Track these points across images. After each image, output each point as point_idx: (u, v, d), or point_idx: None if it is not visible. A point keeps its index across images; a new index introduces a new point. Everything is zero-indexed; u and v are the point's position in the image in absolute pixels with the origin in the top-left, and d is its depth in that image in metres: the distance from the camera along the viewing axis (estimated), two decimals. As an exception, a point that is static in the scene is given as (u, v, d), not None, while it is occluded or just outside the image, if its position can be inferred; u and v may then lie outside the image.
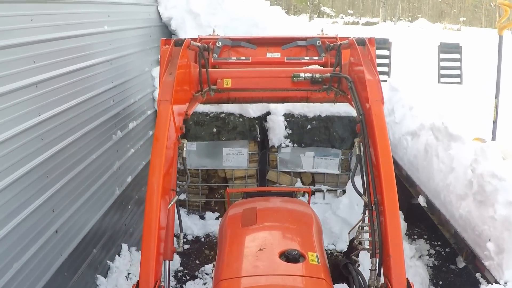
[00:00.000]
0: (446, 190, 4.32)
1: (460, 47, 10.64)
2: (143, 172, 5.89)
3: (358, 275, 3.09)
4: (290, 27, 7.07)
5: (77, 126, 3.99)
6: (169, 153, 3.00)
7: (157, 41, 6.39)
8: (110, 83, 4.73)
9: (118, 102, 4.95)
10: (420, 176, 5.03)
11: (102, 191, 4.60)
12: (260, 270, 2.93)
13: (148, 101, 6.07)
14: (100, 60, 4.47)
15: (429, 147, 4.75)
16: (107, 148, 4.69)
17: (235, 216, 3.78)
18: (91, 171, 4.31)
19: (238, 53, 4.79)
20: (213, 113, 6.24)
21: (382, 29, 33.92)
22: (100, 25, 4.47)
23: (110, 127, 4.76)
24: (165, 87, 3.16)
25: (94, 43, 4.34)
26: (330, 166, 6.48)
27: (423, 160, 4.91)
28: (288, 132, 6.31)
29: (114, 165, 4.92)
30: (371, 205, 2.85)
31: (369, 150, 2.99)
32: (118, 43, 4.89)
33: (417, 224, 6.76)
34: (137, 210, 5.81)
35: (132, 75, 5.35)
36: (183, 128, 3.32)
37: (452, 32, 42.06)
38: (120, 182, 5.10)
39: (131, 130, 5.35)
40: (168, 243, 3.15)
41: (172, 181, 3.21)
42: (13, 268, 3.07)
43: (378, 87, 3.11)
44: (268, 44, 4.86)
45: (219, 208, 6.78)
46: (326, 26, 6.31)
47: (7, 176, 3.01)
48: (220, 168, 6.52)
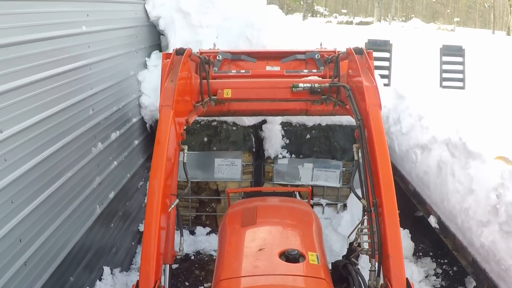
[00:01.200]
0: (464, 214, 3.87)
1: (463, 49, 10.26)
2: (128, 186, 5.41)
3: (357, 275, 3.08)
4: (287, 27, 6.57)
5: (48, 141, 3.49)
6: (170, 158, 3.04)
7: (144, 42, 5.89)
8: (90, 90, 4.24)
9: (99, 110, 4.45)
10: (431, 194, 4.59)
11: (80, 212, 4.11)
12: (260, 270, 2.92)
13: (134, 108, 5.57)
14: (77, 65, 3.97)
15: (443, 164, 4.30)
16: (85, 163, 4.19)
17: (235, 216, 3.76)
18: (66, 191, 3.81)
19: (238, 67, 4.88)
20: (204, 121, 5.76)
21: (377, 29, 33.57)
22: (77, 25, 3.97)
23: (89, 139, 4.26)
24: (166, 93, 3.23)
25: (70, 46, 3.84)
26: (330, 179, 6.03)
27: (435, 178, 4.46)
28: (285, 142, 5.85)
29: (94, 181, 4.43)
30: (370, 208, 2.86)
31: (368, 154, 3.02)
32: (99, 46, 4.38)
33: (421, 239, 6.36)
34: (122, 226, 5.33)
35: (115, 80, 4.85)
36: (184, 134, 3.38)
37: (446, 33, 41.89)
38: (101, 199, 4.61)
39: (113, 141, 4.85)
40: (169, 246, 3.21)
41: (172, 185, 3.24)
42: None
43: (375, 92, 3.14)
44: (267, 58, 4.95)
45: (211, 222, 6.31)
46: (320, 26, 6.02)
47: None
48: (211, 180, 6.04)
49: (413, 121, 5.27)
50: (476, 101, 6.71)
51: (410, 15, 65.05)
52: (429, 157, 4.67)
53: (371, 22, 51.70)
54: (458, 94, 8.27)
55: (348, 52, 3.69)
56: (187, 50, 3.64)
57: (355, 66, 3.44)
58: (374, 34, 18.97)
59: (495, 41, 32.21)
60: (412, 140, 5.11)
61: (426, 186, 4.73)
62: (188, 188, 3.36)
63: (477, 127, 4.45)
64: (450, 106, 5.59)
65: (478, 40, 28.90)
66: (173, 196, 3.25)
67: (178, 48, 3.68)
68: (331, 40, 6.37)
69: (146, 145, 6.02)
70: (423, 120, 5.06)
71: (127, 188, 5.40)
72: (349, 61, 3.74)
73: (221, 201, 6.16)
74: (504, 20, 59.65)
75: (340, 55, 4.09)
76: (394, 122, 5.73)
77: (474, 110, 5.46)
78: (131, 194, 5.59)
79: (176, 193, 3.42)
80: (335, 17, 56.26)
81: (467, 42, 17.10)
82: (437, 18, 63.20)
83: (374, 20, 53.31)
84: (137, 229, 5.90)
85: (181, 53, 3.56)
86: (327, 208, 6.17)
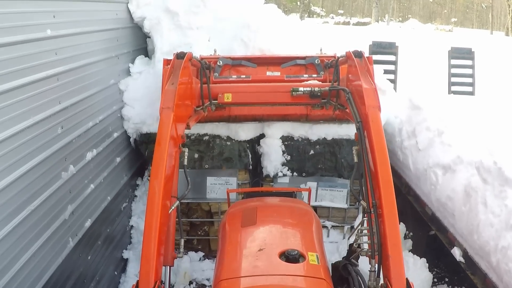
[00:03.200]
0: (501, 254, 3.25)
1: (472, 52, 9.67)
2: (110, 209, 4.78)
3: (357, 275, 3.08)
4: (285, 28, 5.88)
5: (4, 170, 2.86)
6: (170, 159, 3.07)
7: (127, 46, 5.25)
8: (57, 104, 3.59)
9: (70, 128, 3.81)
10: (456, 224, 3.97)
11: (48, 249, 3.48)
12: (260, 270, 2.92)
13: (115, 121, 4.93)
14: (40, 76, 3.32)
15: (472, 191, 3.68)
16: (53, 192, 3.55)
17: (235, 216, 3.75)
18: (29, 226, 3.17)
19: (238, 72, 4.92)
20: (194, 135, 5.12)
21: (376, 30, 32.98)
22: (40, 29, 3.32)
23: (57, 163, 3.62)
24: (167, 96, 3.25)
25: (31, 54, 3.18)
26: (336, 199, 5.40)
27: (462, 205, 3.84)
28: (286, 159, 5.22)
29: (66, 211, 3.79)
30: (369, 209, 2.87)
31: (367, 156, 3.03)
32: (69, 52, 3.74)
33: (435, 262, 5.75)
34: (103, 254, 4.70)
35: (90, 91, 4.21)
36: (185, 137, 3.43)
37: (445, 33, 41.38)
38: (75, 230, 3.97)
39: (89, 162, 4.21)
40: (169, 248, 3.20)
41: (173, 187, 3.25)
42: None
43: (374, 94, 3.15)
44: (268, 63, 4.99)
45: (203, 246, 5.68)
46: (317, 27, 5.58)
47: None
48: (203, 200, 5.40)
49: (432, 136, 4.65)
50: (496, 111, 6.07)
51: (407, 15, 64.54)
52: (453, 180, 4.04)
53: (368, 23, 51.18)
54: (470, 101, 7.64)
55: (348, 55, 3.71)
56: (188, 54, 3.66)
57: (355, 69, 3.45)
58: (373, 35, 18.39)
59: (495, 41, 31.67)
60: (431, 159, 4.48)
61: (449, 213, 4.11)
62: (188, 190, 3.34)
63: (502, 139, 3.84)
64: (472, 118, 4.97)
65: (478, 41, 28.32)
66: (174, 198, 3.27)
67: (179, 52, 3.71)
68: (330, 42, 5.86)
69: (130, 161, 5.39)
70: (444, 136, 4.44)
71: (109, 211, 4.78)
72: (349, 65, 3.76)
73: (214, 224, 5.52)
74: (501, 21, 59.23)
75: (339, 59, 4.08)
76: (409, 135, 5.11)
77: (501, 123, 4.82)
78: (113, 218, 4.96)
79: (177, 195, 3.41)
80: (332, 18, 55.71)
81: (467, 43, 16.52)
82: (434, 19, 62.74)
83: (371, 21, 52.78)
84: (120, 256, 5.26)
85: (181, 57, 3.59)
86: (332, 231, 5.55)
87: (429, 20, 61.48)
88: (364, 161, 3.07)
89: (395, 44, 9.00)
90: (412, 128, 5.05)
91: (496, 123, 4.79)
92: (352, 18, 59.05)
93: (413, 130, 5.03)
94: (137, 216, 5.55)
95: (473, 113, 5.48)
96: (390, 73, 8.73)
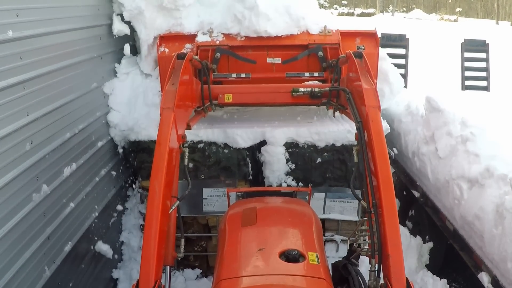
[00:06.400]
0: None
1: (487, 44, 9.08)
2: (95, 226, 4.32)
3: (357, 275, 3.06)
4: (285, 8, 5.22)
5: None
6: (171, 159, 3.05)
7: (112, 45, 4.73)
8: (25, 116, 3.11)
9: (41, 142, 3.32)
10: (485, 247, 3.47)
11: (18, 284, 3.01)
12: (260, 270, 2.93)
13: (99, 128, 4.43)
14: (2, 85, 2.84)
15: (506, 212, 3.17)
16: (23, 216, 3.10)
17: (235, 216, 3.72)
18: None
19: (237, 63, 4.78)
20: (188, 143, 4.55)
21: (381, 21, 32.27)
22: (0, 30, 2.82)
23: (28, 183, 3.15)
24: (167, 96, 3.25)
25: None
26: (346, 211, 4.90)
27: (492, 227, 3.34)
28: (290, 168, 4.72)
29: (40, 236, 3.33)
30: (370, 209, 2.87)
31: (367, 156, 3.02)
32: (38, 55, 3.24)
33: (453, 276, 5.28)
34: (90, 276, 4.26)
35: (67, 98, 3.71)
36: (185, 137, 3.48)
37: (450, 24, 40.60)
38: (52, 257, 3.50)
39: (68, 178, 3.73)
40: (169, 248, 3.19)
41: (173, 187, 3.23)
42: None
43: (374, 94, 3.14)
44: (268, 48, 4.83)
45: (200, 263, 5.20)
46: None
47: None
48: (200, 214, 4.91)
49: (454, 143, 4.13)
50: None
51: (411, 5, 63.52)
52: (481, 197, 3.54)
53: (372, 13, 50.40)
54: (488, 98, 7.08)
55: (348, 56, 3.71)
56: (188, 54, 3.65)
57: (355, 69, 3.45)
58: (379, 27, 17.69)
59: (502, 32, 30.90)
60: (454, 170, 3.97)
61: (476, 234, 3.61)
62: (189, 189, 3.28)
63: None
64: (498, 120, 4.45)
65: (485, 31, 27.59)
66: (174, 198, 3.25)
67: (179, 52, 3.68)
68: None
69: (119, 171, 4.90)
70: (469, 144, 3.92)
71: (94, 229, 4.31)
72: (349, 65, 3.76)
73: (212, 239, 5.04)
74: (507, 11, 58.17)
75: (340, 59, 4.05)
76: (427, 140, 4.60)
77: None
78: (100, 235, 4.48)
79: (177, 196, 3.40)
80: (336, 9, 54.90)
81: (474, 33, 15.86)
82: (438, 9, 61.75)
83: (376, 11, 51.95)
84: (109, 276, 4.79)
85: (182, 57, 3.58)
86: (342, 245, 5.05)
87: (433, 10, 60.55)
88: (364, 161, 3.04)
89: (405, 36, 8.44)
90: (431, 132, 4.54)
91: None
92: (356, 8, 58.17)
93: (431, 135, 4.52)
94: (128, 231, 5.07)
95: (495, 113, 4.95)
96: (400, 67, 8.17)
